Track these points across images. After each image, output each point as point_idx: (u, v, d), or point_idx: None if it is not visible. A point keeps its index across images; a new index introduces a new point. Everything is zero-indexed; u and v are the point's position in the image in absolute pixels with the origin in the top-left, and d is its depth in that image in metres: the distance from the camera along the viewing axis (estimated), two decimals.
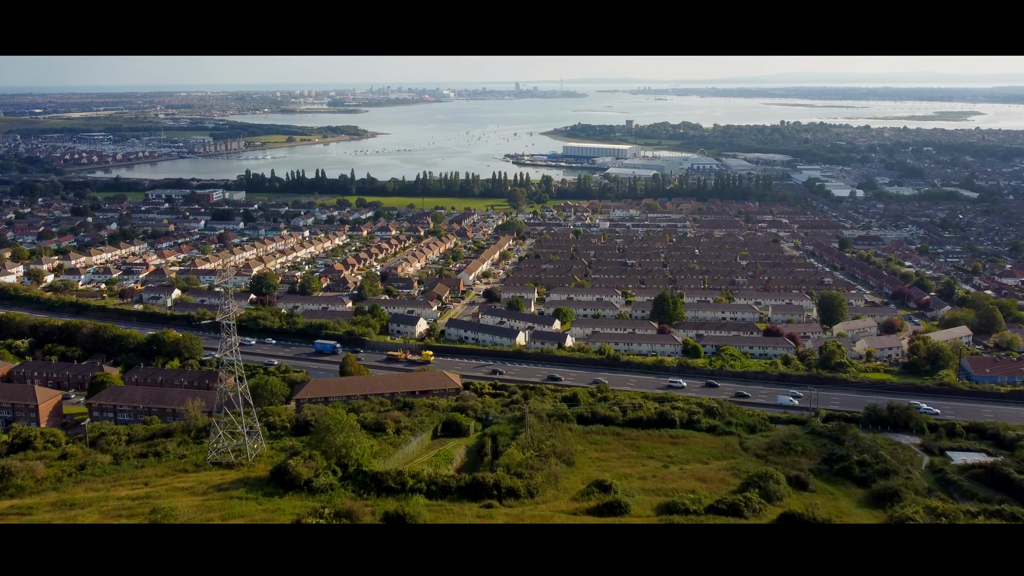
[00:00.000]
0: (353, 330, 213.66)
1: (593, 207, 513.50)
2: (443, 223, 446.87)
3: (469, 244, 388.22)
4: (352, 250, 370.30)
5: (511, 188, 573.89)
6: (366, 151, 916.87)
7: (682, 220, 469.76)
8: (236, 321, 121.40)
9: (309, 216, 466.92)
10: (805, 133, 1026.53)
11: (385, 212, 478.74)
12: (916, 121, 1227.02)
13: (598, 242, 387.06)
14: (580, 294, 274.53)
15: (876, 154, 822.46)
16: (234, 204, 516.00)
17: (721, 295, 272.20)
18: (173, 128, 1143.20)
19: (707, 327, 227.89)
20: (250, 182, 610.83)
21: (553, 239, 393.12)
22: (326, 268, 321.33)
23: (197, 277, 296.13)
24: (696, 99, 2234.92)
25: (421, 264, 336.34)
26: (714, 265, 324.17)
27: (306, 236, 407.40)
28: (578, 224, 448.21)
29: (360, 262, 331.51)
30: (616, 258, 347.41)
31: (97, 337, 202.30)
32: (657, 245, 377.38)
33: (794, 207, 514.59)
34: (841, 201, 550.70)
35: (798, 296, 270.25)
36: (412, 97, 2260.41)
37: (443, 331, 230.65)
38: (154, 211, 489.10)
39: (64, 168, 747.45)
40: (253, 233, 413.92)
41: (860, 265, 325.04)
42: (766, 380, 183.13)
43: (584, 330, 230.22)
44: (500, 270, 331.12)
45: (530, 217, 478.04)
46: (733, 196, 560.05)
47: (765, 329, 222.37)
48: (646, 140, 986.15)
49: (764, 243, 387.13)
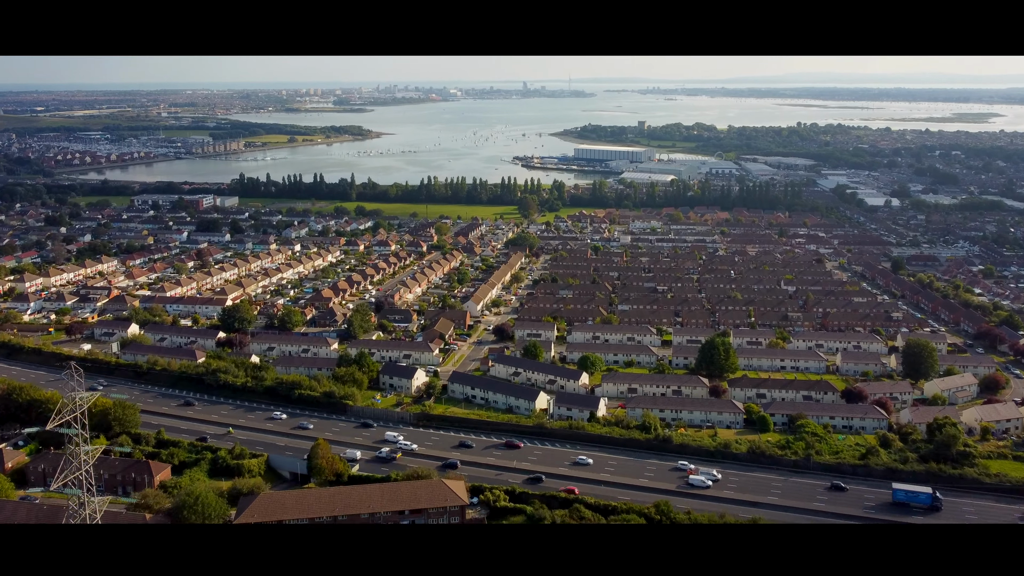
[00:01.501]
0: (334, 391, 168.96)
1: (610, 217, 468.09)
2: (448, 236, 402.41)
3: (476, 262, 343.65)
4: (346, 270, 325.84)
5: (521, 195, 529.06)
6: (370, 152, 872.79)
7: (708, 233, 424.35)
8: (85, 416, 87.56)
9: (303, 226, 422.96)
10: (824, 135, 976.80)
11: (385, 223, 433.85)
12: (935, 123, 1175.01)
13: (620, 260, 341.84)
14: (607, 332, 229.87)
15: (902, 158, 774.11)
16: (224, 212, 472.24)
17: (774, 335, 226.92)
18: (173, 127, 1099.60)
19: (770, 387, 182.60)
20: (244, 186, 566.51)
21: (570, 257, 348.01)
22: (313, 294, 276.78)
23: (163, 307, 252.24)
24: (706, 99, 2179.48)
25: (422, 289, 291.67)
26: (757, 293, 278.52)
27: (297, 250, 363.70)
28: (596, 238, 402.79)
29: (353, 286, 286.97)
30: (642, 281, 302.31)
31: (9, 401, 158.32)
32: (687, 265, 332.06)
33: (828, 218, 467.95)
34: (876, 211, 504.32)
35: (866, 338, 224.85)
36: (419, 96, 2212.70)
37: (445, 386, 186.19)
38: (136, 219, 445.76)
39: (54, 170, 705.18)
40: (239, 247, 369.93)
41: (924, 293, 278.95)
42: (868, 476, 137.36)
43: (617, 386, 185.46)
44: (512, 295, 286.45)
45: (542, 229, 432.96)
46: (760, 205, 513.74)
47: (844, 391, 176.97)
48: (659, 142, 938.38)
49: (806, 263, 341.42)
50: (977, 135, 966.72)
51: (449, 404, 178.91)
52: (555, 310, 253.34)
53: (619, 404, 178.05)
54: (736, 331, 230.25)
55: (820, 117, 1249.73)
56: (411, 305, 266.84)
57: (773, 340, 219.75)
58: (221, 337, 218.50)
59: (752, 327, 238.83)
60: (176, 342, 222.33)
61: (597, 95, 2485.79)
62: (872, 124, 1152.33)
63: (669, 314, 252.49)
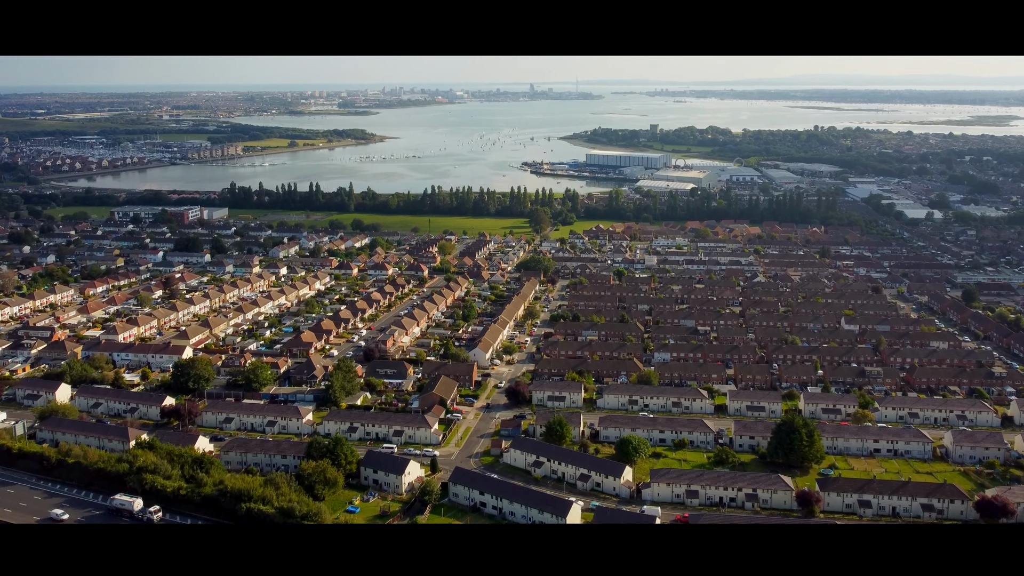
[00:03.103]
0: (293, 506, 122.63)
1: (630, 232, 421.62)
2: (452, 256, 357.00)
3: (484, 290, 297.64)
4: (335, 300, 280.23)
5: (532, 206, 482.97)
6: (373, 157, 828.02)
7: (740, 252, 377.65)
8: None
9: (293, 244, 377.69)
10: (844, 139, 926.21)
11: (383, 240, 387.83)
12: (954, 126, 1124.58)
13: (648, 288, 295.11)
14: (646, 394, 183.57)
15: (931, 164, 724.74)
16: (209, 227, 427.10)
17: (855, 401, 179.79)
18: (171, 131, 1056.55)
19: (876, 491, 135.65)
20: (235, 196, 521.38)
21: (591, 284, 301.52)
22: (293, 336, 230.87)
23: (108, 356, 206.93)
24: (716, 101, 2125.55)
25: (421, 328, 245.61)
26: (818, 336, 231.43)
27: (283, 275, 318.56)
28: (618, 259, 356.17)
29: (340, 324, 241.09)
30: (678, 317, 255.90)
31: None
32: (725, 295, 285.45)
33: (869, 234, 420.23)
34: (917, 224, 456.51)
35: (971, 405, 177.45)
36: (425, 98, 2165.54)
37: (445, 486, 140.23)
38: (112, 235, 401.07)
39: (41, 176, 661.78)
40: (217, 271, 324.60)
41: (1016, 335, 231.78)
42: None
43: (672, 487, 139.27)
44: (526, 336, 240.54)
45: (556, 247, 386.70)
46: (790, 217, 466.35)
47: (979, 502, 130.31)
48: (673, 147, 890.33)
49: (860, 292, 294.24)
50: (1004, 139, 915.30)
51: (450, 513, 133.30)
52: (579, 361, 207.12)
53: (676, 516, 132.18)
54: (805, 394, 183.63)
55: (835, 120, 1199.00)
56: (407, 352, 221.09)
57: (858, 411, 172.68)
58: (167, 405, 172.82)
59: (825, 388, 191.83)
60: (114, 409, 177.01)
61: (605, 97, 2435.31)
62: (891, 127, 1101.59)
63: (717, 367, 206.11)
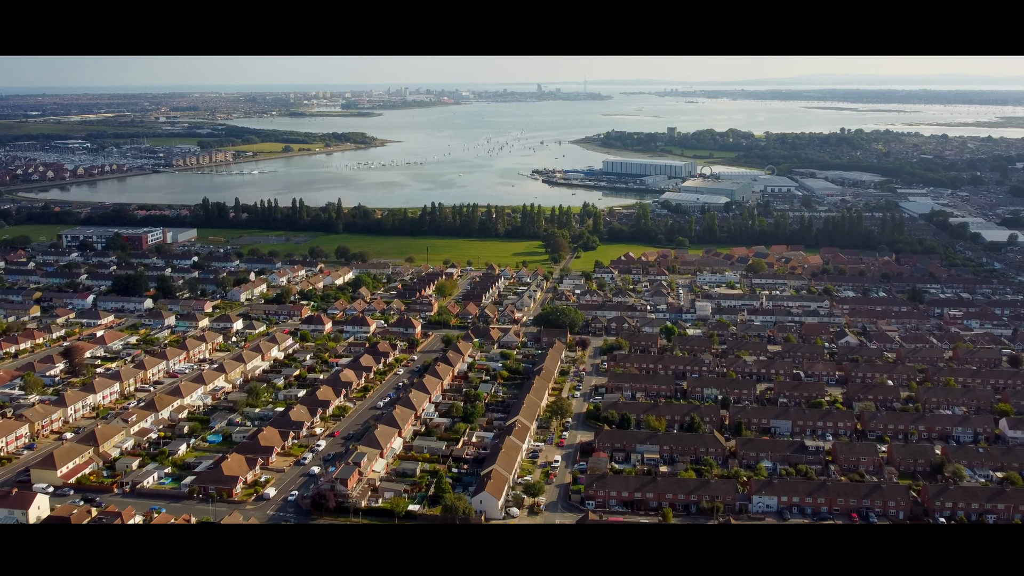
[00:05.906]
0: None
1: (666, 262, 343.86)
2: (452, 301, 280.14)
3: (495, 359, 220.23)
4: (291, 380, 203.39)
5: (547, 226, 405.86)
6: (371, 164, 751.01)
7: (804, 289, 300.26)
8: None
9: (260, 282, 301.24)
10: (876, 143, 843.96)
11: (369, 277, 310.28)
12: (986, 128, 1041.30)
13: (711, 359, 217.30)
14: None
15: (981, 172, 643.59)
16: (167, 256, 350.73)
17: None
18: (162, 135, 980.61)
19: None
20: (208, 214, 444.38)
21: (634, 350, 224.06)
22: (213, 467, 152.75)
23: None
24: (728, 102, 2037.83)
25: (405, 436, 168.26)
26: (980, 457, 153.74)
27: (236, 330, 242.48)
28: (661, 306, 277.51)
29: (288, 437, 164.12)
30: (765, 415, 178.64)
31: None
32: (817, 370, 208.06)
33: (958, 267, 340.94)
34: (1000, 249, 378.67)
35: None
36: (430, 99, 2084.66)
37: None
38: (43, 269, 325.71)
39: (6, 187, 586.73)
40: (155, 324, 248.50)
41: None
42: None
43: None
44: (556, 452, 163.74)
45: (581, 284, 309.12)
46: (851, 242, 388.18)
47: None
48: (694, 151, 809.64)
49: (991, 361, 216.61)
50: None
51: None
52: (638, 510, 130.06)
53: None
54: None
55: (857, 121, 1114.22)
56: (379, 492, 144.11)
57: None
58: None
59: None
60: None
61: (613, 97, 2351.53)
62: (921, 130, 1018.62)
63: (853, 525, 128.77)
